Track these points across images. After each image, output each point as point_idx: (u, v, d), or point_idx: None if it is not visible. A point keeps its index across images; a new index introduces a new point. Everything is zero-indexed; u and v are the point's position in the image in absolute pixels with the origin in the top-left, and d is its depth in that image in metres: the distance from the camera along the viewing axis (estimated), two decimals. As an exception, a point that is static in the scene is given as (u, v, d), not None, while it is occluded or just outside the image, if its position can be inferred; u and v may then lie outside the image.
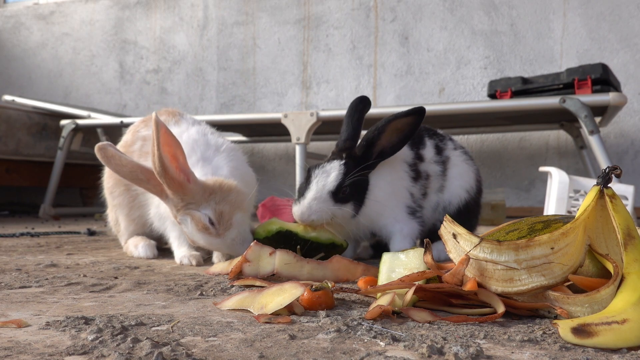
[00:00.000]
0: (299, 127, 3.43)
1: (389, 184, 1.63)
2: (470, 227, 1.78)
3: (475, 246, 0.95)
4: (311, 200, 1.55)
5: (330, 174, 1.58)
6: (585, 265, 0.98)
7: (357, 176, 1.57)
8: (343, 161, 1.60)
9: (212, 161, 1.68)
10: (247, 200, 1.65)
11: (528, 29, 4.31)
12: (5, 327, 0.86)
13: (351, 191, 1.58)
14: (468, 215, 1.76)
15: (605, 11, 4.13)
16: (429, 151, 1.74)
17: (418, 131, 1.77)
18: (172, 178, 1.45)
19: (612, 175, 0.98)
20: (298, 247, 1.54)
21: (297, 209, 1.54)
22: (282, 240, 1.55)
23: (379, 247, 1.82)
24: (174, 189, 1.47)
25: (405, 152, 1.70)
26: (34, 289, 1.21)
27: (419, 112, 1.57)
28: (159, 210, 1.70)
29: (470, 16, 4.46)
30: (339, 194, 1.56)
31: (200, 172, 1.61)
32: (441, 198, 1.75)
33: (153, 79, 5.37)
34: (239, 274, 1.32)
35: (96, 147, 1.53)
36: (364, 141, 1.59)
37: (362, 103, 1.71)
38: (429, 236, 1.70)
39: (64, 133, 4.04)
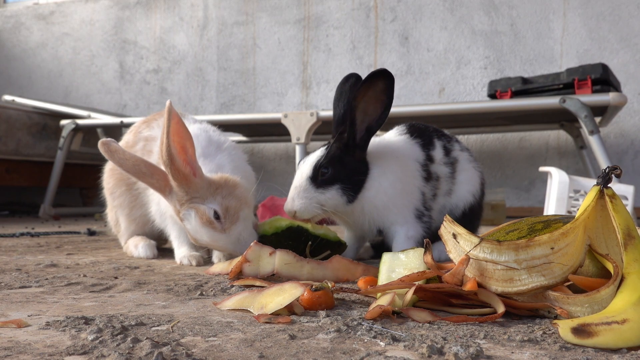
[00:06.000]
0: (299, 127, 3.43)
1: (399, 181, 1.60)
2: (473, 228, 1.78)
3: (475, 246, 0.95)
4: (292, 191, 1.53)
5: (308, 162, 1.56)
6: (585, 265, 0.98)
7: (337, 154, 1.53)
8: (325, 146, 1.58)
9: (215, 158, 1.67)
10: (251, 196, 1.63)
11: (528, 29, 4.31)
12: (5, 327, 0.85)
13: (334, 172, 1.53)
14: (472, 217, 1.76)
15: (605, 11, 4.13)
16: (438, 152, 1.72)
17: (427, 132, 1.77)
18: (178, 169, 1.42)
19: (612, 175, 0.98)
20: (309, 243, 1.53)
21: (285, 204, 1.53)
22: (292, 236, 1.52)
23: (379, 247, 1.82)
24: (179, 181, 1.44)
25: (417, 153, 1.68)
26: (34, 289, 1.21)
27: (380, 73, 1.49)
28: (160, 208, 1.69)
29: (470, 16, 4.46)
30: (318, 178, 1.53)
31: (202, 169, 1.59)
32: (448, 202, 1.74)
33: (153, 79, 5.36)
34: (239, 274, 1.32)
35: (100, 142, 1.50)
36: (346, 122, 1.55)
37: (347, 82, 1.65)
38: (431, 237, 1.69)
39: (64, 133, 4.04)
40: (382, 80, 1.51)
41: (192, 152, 1.46)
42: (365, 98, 1.52)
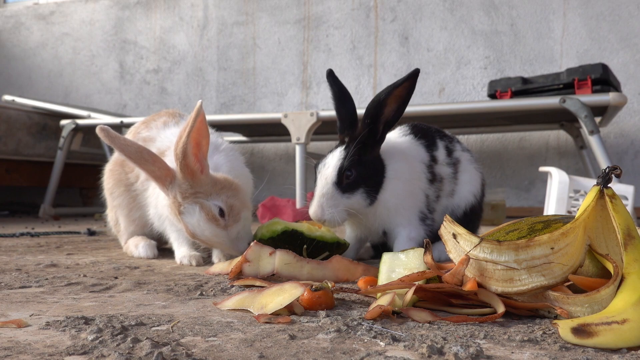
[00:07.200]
0: (299, 127, 3.43)
1: (409, 183, 1.60)
2: (473, 228, 1.78)
3: (475, 246, 0.95)
4: (320, 198, 1.52)
5: (330, 166, 1.55)
6: (585, 265, 0.98)
7: (357, 154, 1.52)
8: (343, 146, 1.57)
9: (212, 159, 1.68)
10: (250, 200, 1.65)
11: (528, 29, 4.31)
12: (5, 327, 0.85)
13: (358, 175, 1.53)
14: (472, 217, 1.76)
15: (605, 11, 4.13)
16: (441, 153, 1.73)
17: (429, 132, 1.76)
18: (188, 165, 1.44)
19: (612, 175, 0.98)
20: (305, 246, 1.53)
21: (310, 210, 1.53)
22: (288, 240, 1.53)
23: (380, 247, 1.82)
24: (185, 175, 1.45)
25: (423, 154, 1.68)
26: (34, 289, 1.21)
27: (414, 75, 1.53)
28: (158, 211, 1.70)
29: (470, 16, 4.46)
30: (343, 182, 1.52)
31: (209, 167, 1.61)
32: (450, 202, 1.74)
33: (153, 79, 5.36)
34: (239, 274, 1.32)
35: (98, 128, 1.50)
36: (367, 118, 1.54)
37: (332, 78, 1.65)
38: (433, 239, 1.68)
39: (64, 133, 4.04)
40: (411, 80, 1.53)
41: (206, 150, 1.49)
42: (393, 96, 1.53)
